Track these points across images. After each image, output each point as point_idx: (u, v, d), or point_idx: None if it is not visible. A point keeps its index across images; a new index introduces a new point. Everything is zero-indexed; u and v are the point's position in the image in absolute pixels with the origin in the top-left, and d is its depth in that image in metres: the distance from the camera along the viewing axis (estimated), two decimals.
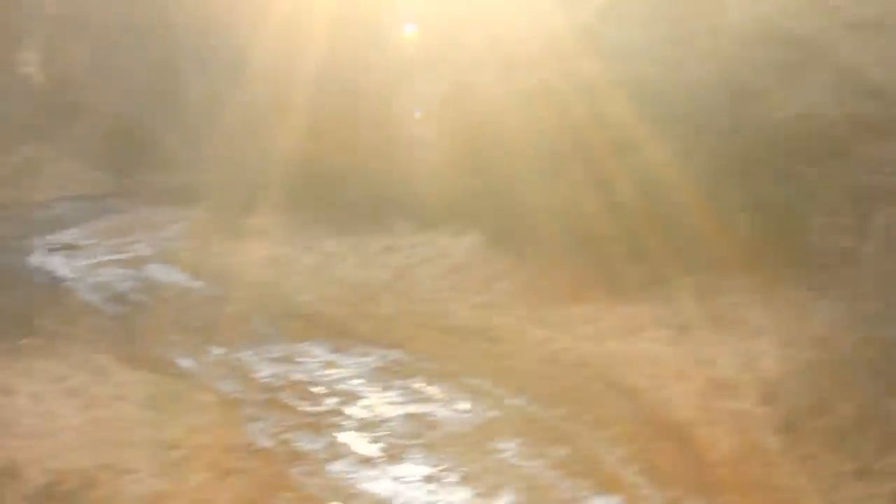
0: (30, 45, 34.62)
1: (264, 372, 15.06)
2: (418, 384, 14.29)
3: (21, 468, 10.11)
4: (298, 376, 14.83)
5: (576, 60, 19.11)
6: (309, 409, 13.23)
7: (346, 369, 15.20)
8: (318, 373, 15.03)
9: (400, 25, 26.29)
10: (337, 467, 11.19)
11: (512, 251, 20.41)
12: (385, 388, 14.18)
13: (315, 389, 14.15)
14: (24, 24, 29.92)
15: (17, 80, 21.21)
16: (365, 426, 12.56)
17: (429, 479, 10.88)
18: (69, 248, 26.67)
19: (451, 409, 13.22)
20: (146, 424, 11.93)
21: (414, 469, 11.22)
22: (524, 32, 20.53)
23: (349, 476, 10.94)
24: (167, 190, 30.27)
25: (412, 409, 13.24)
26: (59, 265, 24.43)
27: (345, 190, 26.68)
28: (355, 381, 14.56)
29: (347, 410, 13.18)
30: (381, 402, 13.54)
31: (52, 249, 26.32)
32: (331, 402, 13.55)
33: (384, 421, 12.76)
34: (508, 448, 11.78)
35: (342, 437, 12.18)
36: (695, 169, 17.63)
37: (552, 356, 15.31)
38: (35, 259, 24.73)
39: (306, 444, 11.91)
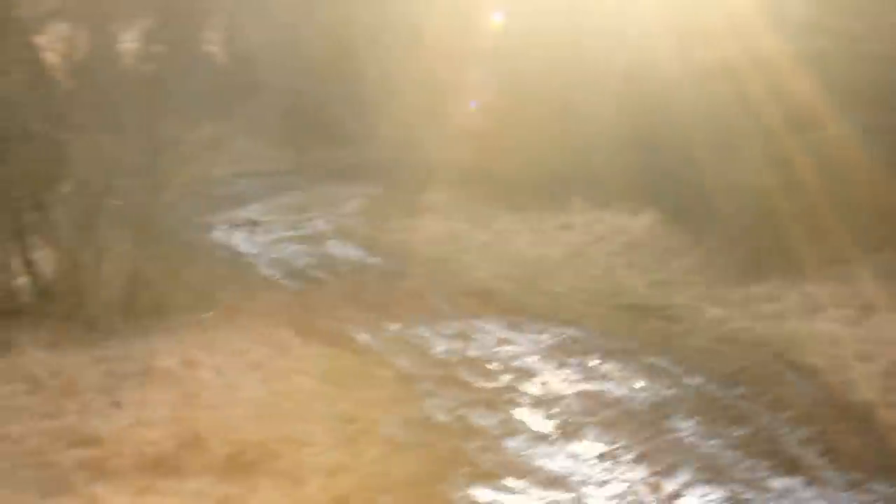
0: (213, 24, 35.40)
1: (439, 348, 15.13)
2: (593, 362, 14.20)
3: (204, 439, 10.31)
4: (473, 352, 14.86)
5: (755, 35, 18.73)
6: (484, 385, 13.24)
7: (521, 346, 15.18)
8: (493, 349, 15.04)
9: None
10: (512, 443, 11.18)
11: (689, 229, 20.15)
12: (560, 366, 14.12)
13: (490, 366, 14.16)
14: (207, 4, 30.54)
15: (200, 58, 21.70)
16: (540, 403, 12.52)
17: (604, 456, 10.79)
18: (249, 224, 27.20)
19: (627, 387, 13.10)
20: (324, 398, 12.07)
21: (589, 447, 11.14)
22: (702, 7, 20.20)
23: (524, 452, 10.91)
24: (344, 167, 30.62)
25: (587, 386, 13.16)
26: (239, 241, 24.94)
27: (520, 166, 26.65)
28: (530, 358, 14.52)
29: (522, 387, 13.15)
30: (556, 380, 13.49)
31: (233, 225, 26.88)
32: (506, 378, 13.54)
33: (559, 398, 12.70)
34: (685, 427, 11.62)
35: (517, 413, 12.16)
36: (877, 145, 17.16)
37: (730, 335, 15.07)
38: (217, 235, 25.29)
39: (482, 419, 11.91)
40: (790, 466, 10.50)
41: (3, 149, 15.06)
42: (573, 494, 9.81)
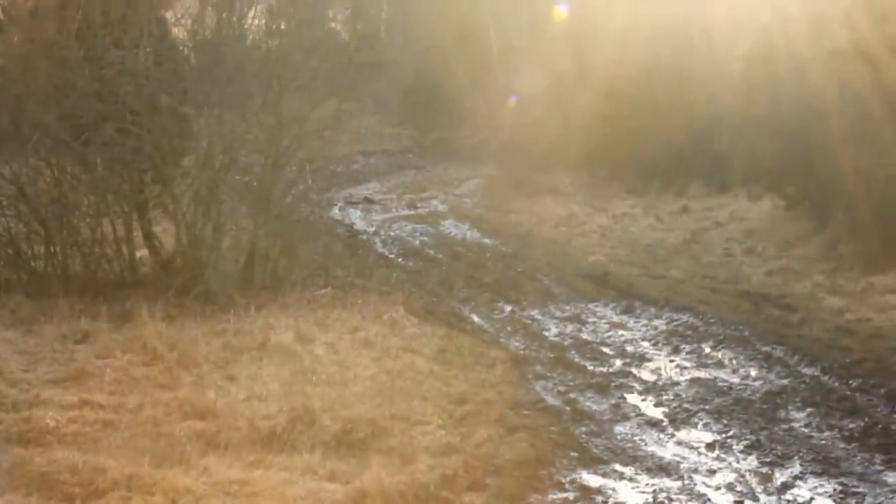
0: (337, 1, 35.66)
1: (553, 330, 15.12)
2: (708, 349, 14.09)
3: (316, 415, 10.41)
4: (586, 336, 14.83)
5: (891, 19, 18.33)
6: (596, 369, 13.19)
7: (635, 331, 15.12)
8: (606, 333, 14.99)
9: None
10: (622, 429, 11.12)
11: (812, 216, 19.86)
12: (674, 352, 14.03)
13: (603, 350, 14.12)
14: None
15: (324, 36, 21.87)
16: (652, 389, 12.44)
17: (715, 445, 10.70)
18: (367, 202, 27.44)
19: (741, 375, 12.96)
20: (435, 377, 12.12)
21: (700, 434, 11.05)
22: None
23: (634, 438, 10.85)
24: (463, 146, 30.74)
25: (701, 373, 13.06)
26: (357, 218, 25.17)
27: (641, 150, 26.52)
28: (644, 344, 14.46)
29: (635, 372, 13.09)
30: (669, 366, 13.40)
31: (351, 203, 27.14)
32: (619, 363, 13.48)
33: (672, 384, 12.61)
34: (798, 418, 11.47)
35: (629, 398, 12.09)
36: None
37: (848, 326, 14.83)
38: (335, 212, 25.54)
39: (593, 404, 11.88)
40: None
41: (129, 122, 15.33)
42: (682, 482, 9.74)
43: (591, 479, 9.78)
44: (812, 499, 9.47)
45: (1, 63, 17.72)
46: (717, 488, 9.65)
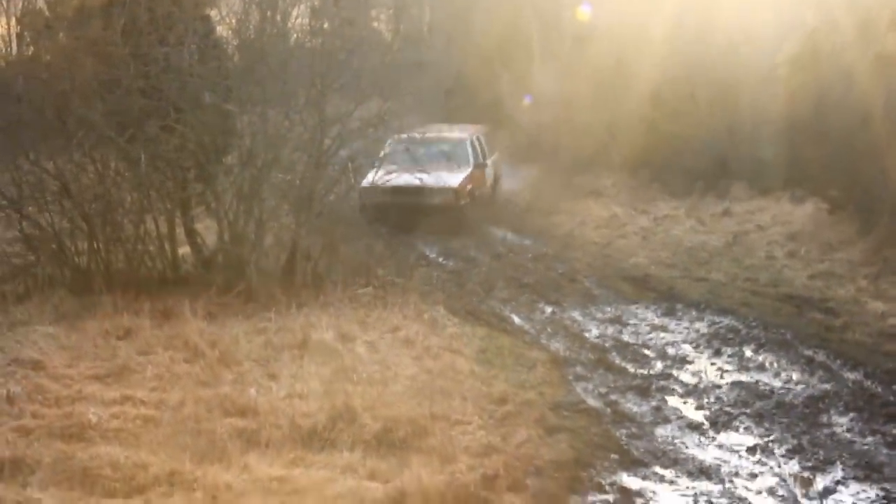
0: (381, 2, 35.70)
1: (593, 332, 15.08)
2: (750, 352, 14.01)
3: (357, 413, 10.43)
4: (627, 338, 14.78)
5: None
6: (637, 371, 13.16)
7: (677, 333, 15.06)
8: (647, 336, 14.94)
9: None
10: (663, 432, 11.09)
11: (856, 220, 19.74)
12: (715, 355, 13.97)
13: (644, 352, 14.07)
14: None
15: (368, 36, 21.96)
16: (693, 392, 12.39)
17: (756, 449, 10.65)
18: None
19: (783, 379, 12.89)
20: (476, 377, 12.12)
21: (741, 438, 10.99)
22: None
23: (675, 441, 10.82)
24: (504, 146, 30.66)
25: (742, 377, 12.99)
26: None
27: (683, 153, 26.44)
28: (685, 346, 14.40)
29: (676, 375, 13.04)
30: (710, 369, 13.33)
31: None
32: (659, 365, 13.44)
33: (713, 387, 12.56)
34: (841, 422, 11.39)
35: (670, 401, 12.05)
36: None
37: (891, 331, 14.71)
38: None
39: (633, 406, 11.85)
40: None
41: (173, 119, 15.41)
42: (723, 486, 9.70)
43: (632, 482, 9.75)
44: None
45: (47, 59, 17.87)
46: (759, 492, 9.61)
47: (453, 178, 22.13)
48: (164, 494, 8.69)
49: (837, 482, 9.84)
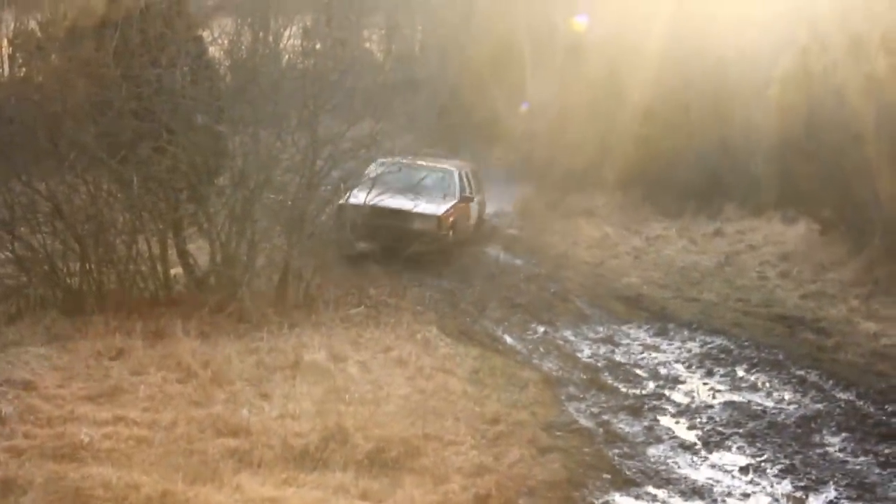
0: (372, 22, 35.79)
1: (586, 352, 15.09)
2: (742, 372, 14.04)
3: (349, 433, 10.42)
4: (620, 358, 14.79)
5: None
6: (629, 391, 13.17)
7: (669, 353, 15.08)
8: (639, 355, 14.96)
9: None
10: (655, 451, 11.09)
11: (847, 240, 19.79)
12: (707, 375, 13.99)
13: (636, 372, 14.08)
14: (367, 2, 31.00)
15: (359, 56, 21.94)
16: (685, 412, 12.41)
17: (748, 468, 10.65)
18: None
19: (775, 399, 12.91)
20: (468, 397, 12.11)
21: (734, 458, 11.01)
22: (881, 12, 19.71)
23: (667, 461, 10.82)
24: (496, 165, 30.70)
25: (735, 397, 13.01)
26: None
27: (675, 172, 26.52)
28: (677, 366, 14.42)
29: (668, 395, 13.06)
30: (702, 389, 13.36)
31: None
32: (652, 385, 13.45)
33: (705, 407, 12.57)
34: (833, 442, 11.41)
35: (662, 421, 12.07)
36: None
37: (883, 351, 14.77)
38: None
39: (625, 426, 11.85)
40: None
41: (165, 140, 15.41)
42: None
43: (624, 502, 9.75)
44: None
45: (39, 81, 17.85)
46: None
47: (438, 207, 22.03)
48: None
49: (830, 502, 9.86)
